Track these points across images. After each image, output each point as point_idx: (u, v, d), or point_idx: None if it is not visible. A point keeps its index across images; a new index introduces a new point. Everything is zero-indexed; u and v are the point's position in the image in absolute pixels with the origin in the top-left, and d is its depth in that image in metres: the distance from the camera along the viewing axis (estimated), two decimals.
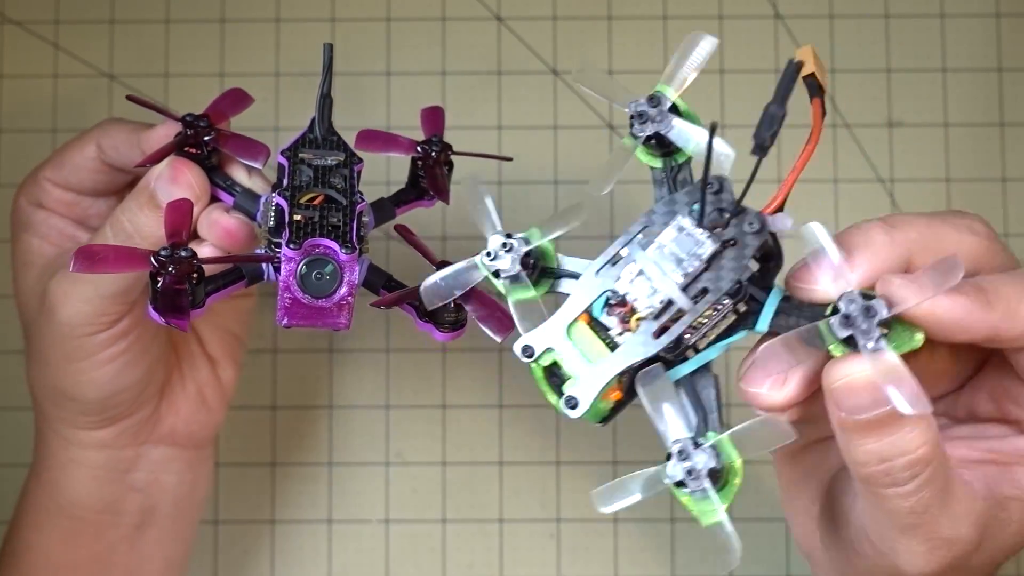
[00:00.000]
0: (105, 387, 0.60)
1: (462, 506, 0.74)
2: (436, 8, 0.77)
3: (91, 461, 0.63)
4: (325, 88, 0.58)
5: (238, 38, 0.76)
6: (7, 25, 0.76)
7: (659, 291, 0.48)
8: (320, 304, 0.54)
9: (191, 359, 0.65)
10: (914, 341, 0.46)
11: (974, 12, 0.76)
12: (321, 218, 0.54)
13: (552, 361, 0.50)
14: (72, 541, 0.63)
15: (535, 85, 0.76)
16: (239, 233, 0.56)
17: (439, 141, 0.60)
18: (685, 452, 0.47)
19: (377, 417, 0.75)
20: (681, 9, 0.76)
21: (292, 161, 0.56)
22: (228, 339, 0.66)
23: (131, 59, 0.76)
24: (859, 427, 0.47)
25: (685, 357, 0.50)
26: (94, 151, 0.61)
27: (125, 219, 0.57)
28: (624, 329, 0.49)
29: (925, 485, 0.47)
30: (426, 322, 0.55)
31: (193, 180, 0.56)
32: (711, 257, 0.48)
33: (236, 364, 0.66)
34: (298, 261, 0.53)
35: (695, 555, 0.74)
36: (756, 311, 0.49)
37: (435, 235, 0.74)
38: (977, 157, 0.75)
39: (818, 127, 0.49)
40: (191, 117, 0.57)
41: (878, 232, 0.48)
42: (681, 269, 0.48)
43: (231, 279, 0.55)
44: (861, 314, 0.45)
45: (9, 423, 0.74)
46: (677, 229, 0.48)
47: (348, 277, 0.54)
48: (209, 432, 0.66)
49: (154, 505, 0.65)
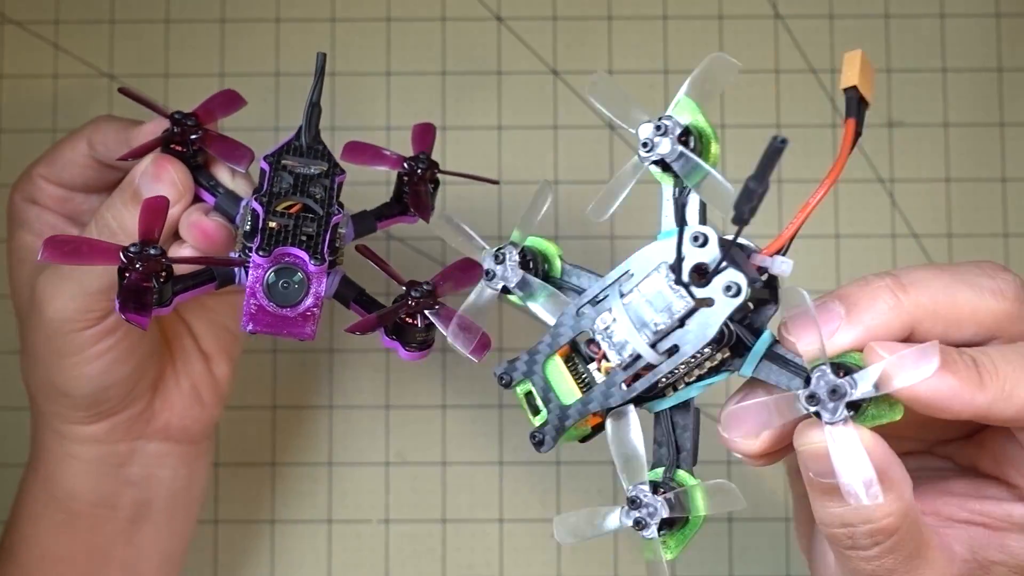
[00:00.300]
0: (95, 382, 0.60)
1: (462, 506, 0.74)
2: (436, 8, 0.76)
3: (85, 455, 0.63)
4: (315, 96, 0.57)
5: (238, 38, 0.76)
6: (7, 25, 0.76)
7: (629, 343, 0.48)
8: (285, 313, 0.53)
9: (185, 354, 0.65)
10: (893, 414, 0.45)
11: (974, 12, 0.76)
12: (295, 227, 0.54)
13: (527, 391, 0.50)
14: (68, 534, 0.64)
15: (535, 85, 0.76)
16: (216, 235, 0.56)
17: (426, 159, 0.59)
18: (637, 501, 0.47)
19: (377, 417, 0.75)
20: (681, 9, 0.76)
21: (274, 167, 0.56)
22: (222, 335, 0.66)
23: (131, 59, 0.76)
24: (824, 489, 0.46)
25: (663, 394, 0.50)
26: (85, 147, 0.61)
27: (109, 215, 0.57)
28: (598, 369, 0.49)
29: (888, 552, 0.46)
30: (392, 340, 0.55)
31: (176, 177, 0.56)
32: (684, 316, 0.47)
33: (231, 360, 0.66)
34: (266, 268, 0.53)
35: (695, 555, 0.74)
36: (743, 353, 0.48)
37: (436, 235, 0.74)
38: (977, 157, 0.75)
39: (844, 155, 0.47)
40: (179, 115, 0.57)
41: (885, 295, 0.47)
42: (651, 327, 0.47)
43: (201, 280, 0.55)
44: (827, 394, 0.44)
45: (9, 423, 0.74)
46: (654, 285, 0.47)
47: (315, 288, 0.54)
48: (204, 427, 0.66)
49: (149, 500, 0.65)
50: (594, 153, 0.75)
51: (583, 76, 0.76)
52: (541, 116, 0.76)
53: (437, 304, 0.54)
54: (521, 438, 0.74)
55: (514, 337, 0.74)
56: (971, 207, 0.75)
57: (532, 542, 0.74)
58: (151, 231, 0.51)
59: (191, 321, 0.65)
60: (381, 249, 0.74)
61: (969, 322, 0.47)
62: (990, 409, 0.45)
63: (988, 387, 0.45)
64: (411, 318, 0.54)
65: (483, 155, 0.75)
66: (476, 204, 0.75)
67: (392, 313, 0.54)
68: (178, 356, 0.65)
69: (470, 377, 0.75)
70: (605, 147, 0.75)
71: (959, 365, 0.45)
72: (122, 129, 0.60)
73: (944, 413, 0.45)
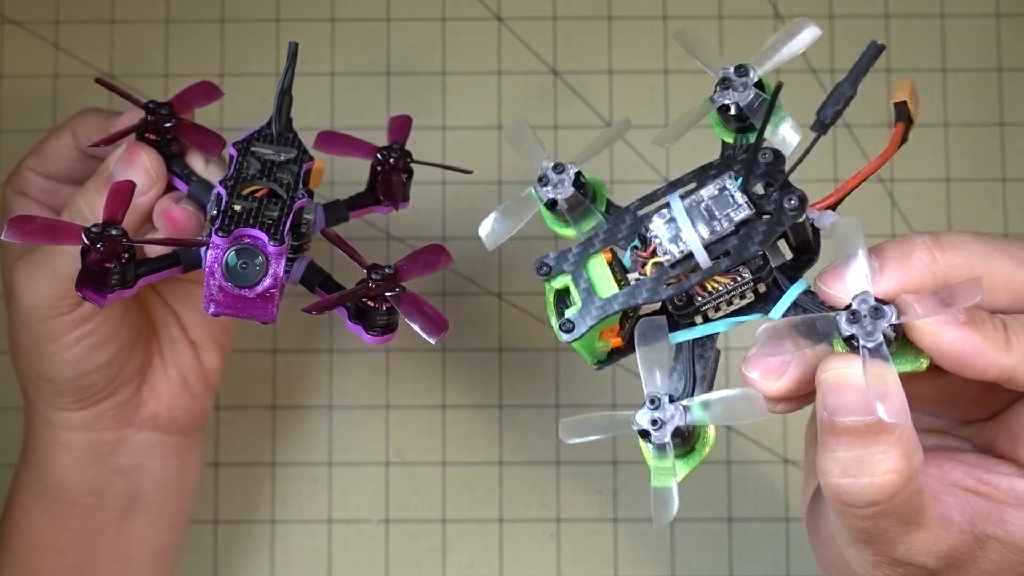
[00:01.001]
0: (76, 367, 0.61)
1: (462, 506, 0.74)
2: (436, 8, 0.77)
3: (73, 443, 0.63)
4: (285, 84, 0.58)
5: (238, 38, 0.76)
6: (7, 25, 0.76)
7: (683, 241, 0.48)
8: (243, 294, 0.54)
9: (172, 343, 0.65)
10: (918, 364, 0.46)
11: (974, 12, 0.76)
12: (259, 211, 0.55)
13: (564, 286, 0.50)
14: (59, 523, 0.64)
15: (535, 85, 0.76)
16: (185, 223, 0.57)
17: (399, 148, 0.60)
18: (657, 402, 0.47)
19: (377, 417, 0.75)
20: (681, 9, 0.76)
21: (242, 152, 0.57)
22: (211, 324, 0.66)
23: (131, 59, 0.76)
24: (834, 430, 0.46)
25: (693, 322, 0.50)
26: (70, 139, 0.62)
27: (82, 201, 0.58)
28: (640, 274, 0.49)
29: (883, 514, 0.46)
30: (356, 324, 0.55)
31: (149, 164, 0.57)
32: (743, 223, 0.47)
33: (221, 350, 0.67)
34: (225, 249, 0.54)
35: (695, 555, 0.74)
36: (776, 298, 0.49)
37: (436, 236, 0.74)
38: (977, 157, 0.75)
39: (893, 147, 0.49)
40: (153, 104, 0.58)
41: (921, 251, 0.47)
42: (710, 226, 0.47)
43: (167, 264, 0.55)
44: (869, 314, 0.44)
45: (7, 423, 0.74)
46: (719, 188, 0.48)
47: (274, 269, 0.54)
48: (194, 418, 0.66)
49: (139, 490, 0.65)
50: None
51: (583, 76, 0.76)
52: (541, 116, 0.76)
53: (398, 287, 0.54)
54: (521, 438, 0.74)
55: (514, 337, 0.74)
56: (971, 207, 0.75)
57: (532, 542, 0.74)
58: (115, 214, 0.52)
59: (179, 310, 0.65)
60: (381, 248, 0.74)
61: (1003, 291, 0.47)
62: (1015, 371, 0.45)
63: (1015, 350, 0.45)
64: (373, 301, 0.54)
65: (483, 155, 0.75)
66: (476, 204, 0.75)
67: (351, 295, 0.54)
68: (165, 344, 0.65)
69: (470, 377, 0.75)
70: None
71: (987, 325, 0.46)
72: (104, 120, 0.61)
73: (968, 370, 0.45)
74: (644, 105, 0.76)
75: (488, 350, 0.74)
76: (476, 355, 0.74)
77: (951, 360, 0.45)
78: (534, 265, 0.50)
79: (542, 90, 0.76)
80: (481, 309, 0.74)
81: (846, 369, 0.45)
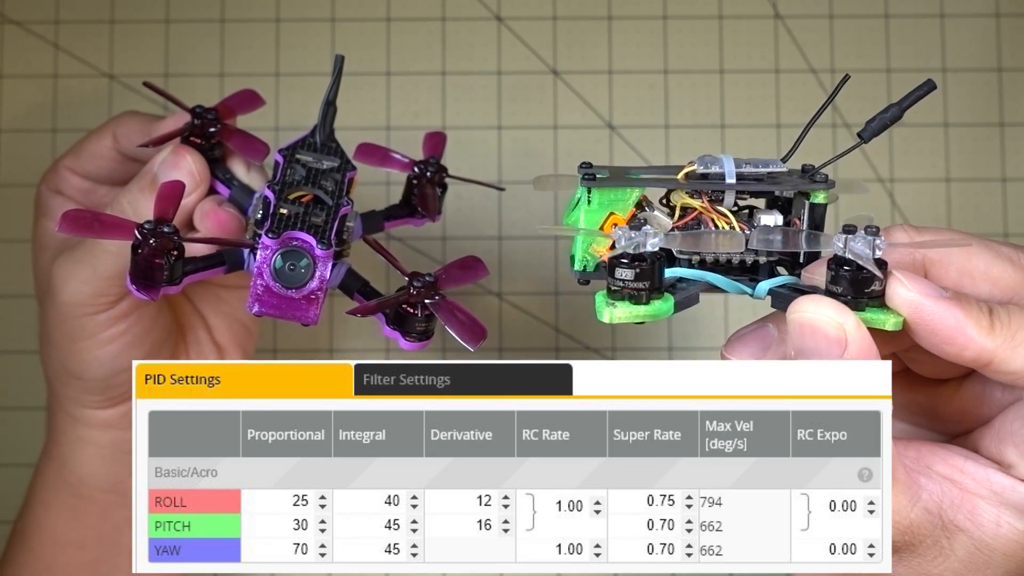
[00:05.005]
0: (107, 366, 0.61)
1: None
2: (436, 8, 0.77)
3: (97, 440, 0.64)
4: (331, 95, 0.59)
5: (238, 38, 0.76)
6: (7, 25, 0.76)
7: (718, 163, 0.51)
8: (290, 295, 0.55)
9: (199, 345, 0.66)
10: (888, 321, 0.47)
11: (974, 12, 0.76)
12: (305, 214, 0.56)
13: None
14: (79, 519, 0.65)
15: (535, 85, 0.76)
16: (229, 225, 0.58)
17: (436, 163, 0.62)
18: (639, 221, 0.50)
19: None
20: (681, 9, 0.76)
21: (288, 159, 0.58)
22: (236, 327, 0.67)
23: (131, 59, 0.76)
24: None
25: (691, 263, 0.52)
26: (110, 141, 0.63)
27: (126, 200, 0.59)
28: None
29: None
30: (393, 329, 0.56)
31: (194, 166, 0.59)
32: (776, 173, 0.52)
33: (244, 353, 0.68)
34: (274, 250, 0.55)
35: None
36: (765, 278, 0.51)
37: (436, 236, 0.74)
38: (977, 157, 0.75)
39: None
40: (200, 108, 0.59)
41: (898, 231, 0.50)
42: (750, 167, 0.52)
43: (212, 263, 0.56)
44: (866, 227, 0.47)
45: (9, 423, 0.74)
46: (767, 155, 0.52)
47: (320, 272, 0.55)
48: None
49: None
50: (594, 153, 0.75)
51: (583, 76, 0.76)
52: (541, 116, 0.76)
53: (437, 295, 0.55)
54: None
55: (515, 337, 0.74)
56: (971, 207, 0.75)
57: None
58: (165, 212, 0.53)
59: (206, 313, 0.66)
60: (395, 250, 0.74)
61: (983, 279, 0.49)
62: (995, 354, 0.46)
63: (997, 333, 0.46)
64: (411, 308, 0.55)
65: (483, 155, 0.75)
66: (476, 203, 0.75)
67: (392, 301, 0.55)
68: (192, 347, 0.66)
69: None
70: (605, 147, 0.75)
71: (972, 305, 0.47)
72: (145, 123, 0.62)
73: (948, 345, 0.46)
74: (644, 105, 0.76)
75: (488, 350, 0.74)
76: (476, 355, 0.74)
77: (929, 330, 0.47)
78: (578, 164, 0.53)
79: (542, 90, 0.76)
80: (481, 309, 0.74)
81: (814, 310, 0.47)
